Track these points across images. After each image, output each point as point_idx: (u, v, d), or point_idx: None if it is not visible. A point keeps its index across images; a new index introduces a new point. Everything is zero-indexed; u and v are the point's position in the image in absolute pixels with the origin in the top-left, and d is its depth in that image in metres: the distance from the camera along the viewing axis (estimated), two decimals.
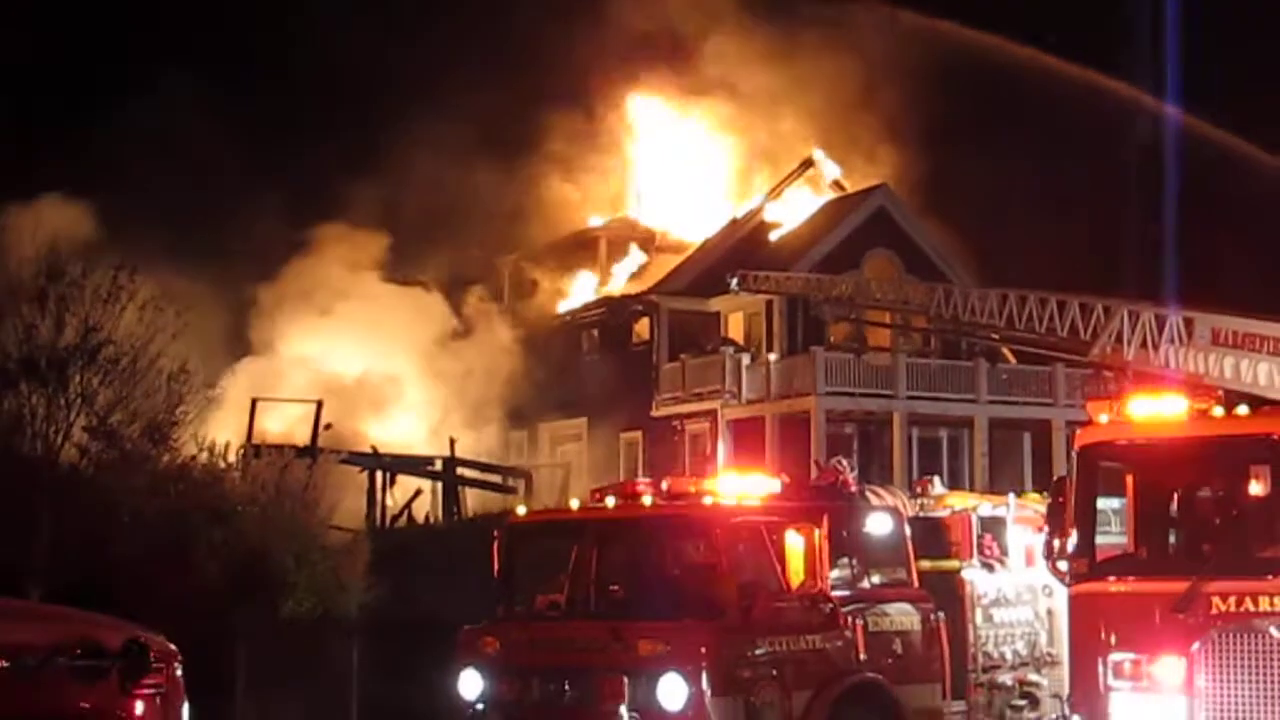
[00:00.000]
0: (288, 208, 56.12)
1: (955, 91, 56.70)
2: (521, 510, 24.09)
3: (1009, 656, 19.46)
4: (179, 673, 10.60)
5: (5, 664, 9.44)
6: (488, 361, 56.71)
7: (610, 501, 18.13)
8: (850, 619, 17.19)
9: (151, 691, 10.19)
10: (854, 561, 17.78)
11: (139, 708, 10.04)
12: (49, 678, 9.62)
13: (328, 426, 45.07)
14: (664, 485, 18.29)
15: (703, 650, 16.09)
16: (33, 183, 41.50)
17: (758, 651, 16.38)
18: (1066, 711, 15.28)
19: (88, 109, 56.26)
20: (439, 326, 57.58)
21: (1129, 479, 14.93)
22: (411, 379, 56.26)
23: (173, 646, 10.61)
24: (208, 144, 53.85)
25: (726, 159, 62.51)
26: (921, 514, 19.72)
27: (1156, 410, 14.46)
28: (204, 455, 29.65)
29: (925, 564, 18.62)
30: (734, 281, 44.49)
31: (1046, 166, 59.31)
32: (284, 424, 45.48)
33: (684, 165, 62.35)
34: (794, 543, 17.08)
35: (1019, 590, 19.61)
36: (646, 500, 17.87)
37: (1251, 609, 13.15)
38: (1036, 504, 19.80)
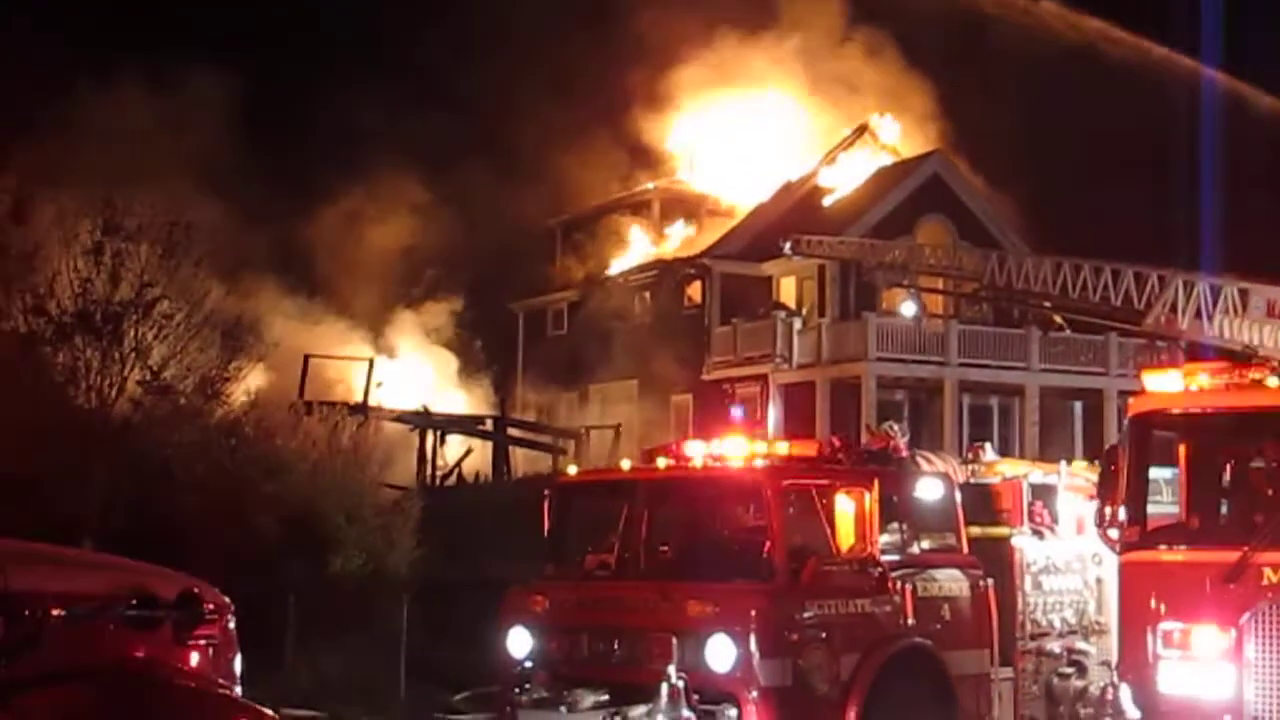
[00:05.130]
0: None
1: (1008, 58, 56.46)
2: (572, 470, 24.14)
3: (1057, 624, 19.39)
4: (232, 625, 10.62)
5: (61, 612, 9.47)
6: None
7: (661, 462, 18.13)
8: (899, 584, 17.14)
9: (205, 643, 10.21)
10: (904, 526, 17.73)
11: (193, 658, 10.06)
12: (104, 627, 9.66)
13: (379, 384, 45.31)
14: (715, 446, 18.24)
15: (752, 612, 16.07)
16: None
17: (806, 614, 16.35)
18: (1114, 679, 15.27)
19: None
20: None
21: (1182, 448, 14.90)
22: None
23: (226, 599, 10.63)
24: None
25: (781, 124, 62.32)
26: (972, 480, 19.66)
27: (1211, 380, 14.41)
28: (255, 411, 29.82)
29: (975, 530, 18.56)
30: (787, 246, 44.41)
31: (1100, 134, 59.05)
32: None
33: (738, 129, 62.20)
34: (844, 506, 17.03)
35: (1068, 558, 19.54)
36: (697, 462, 17.87)
37: None
38: (1087, 472, 19.73)
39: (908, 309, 48.91)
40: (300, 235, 55.08)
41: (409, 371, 54.94)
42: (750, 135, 61.80)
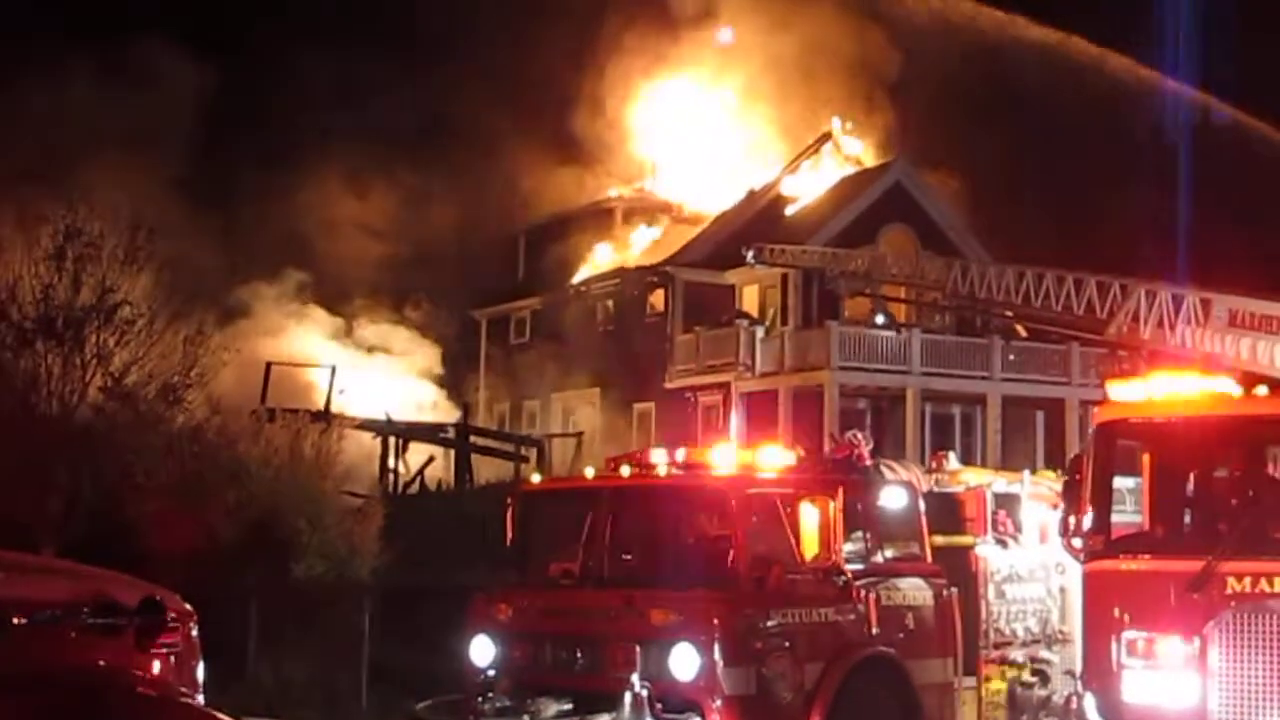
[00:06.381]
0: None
1: (971, 67, 56.57)
2: (536, 478, 24.12)
3: (1020, 633, 19.43)
4: (195, 632, 10.58)
5: (22, 619, 9.42)
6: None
7: (625, 470, 18.11)
8: (863, 592, 17.15)
9: (167, 650, 10.15)
10: (867, 535, 17.73)
11: (155, 666, 10.01)
12: (65, 634, 9.61)
13: (341, 392, 45.25)
14: (679, 455, 18.23)
15: (715, 620, 16.07)
16: None
17: (770, 623, 16.36)
18: (1078, 688, 15.28)
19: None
20: None
21: (1146, 457, 14.91)
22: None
23: (189, 606, 10.59)
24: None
25: (745, 132, 62.39)
26: (936, 489, 19.68)
27: (1175, 389, 14.43)
28: (217, 418, 29.75)
29: (939, 539, 18.57)
30: (750, 254, 44.53)
31: (1063, 144, 59.24)
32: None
33: (702, 138, 62.25)
34: (808, 515, 17.04)
35: (1032, 567, 19.57)
36: (661, 470, 17.85)
37: (1267, 590, 13.13)
38: (1051, 480, 19.77)
39: (880, 319, 49.11)
40: (259, 239, 54.92)
41: (371, 379, 54.86)
42: (714, 143, 61.87)
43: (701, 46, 62.41)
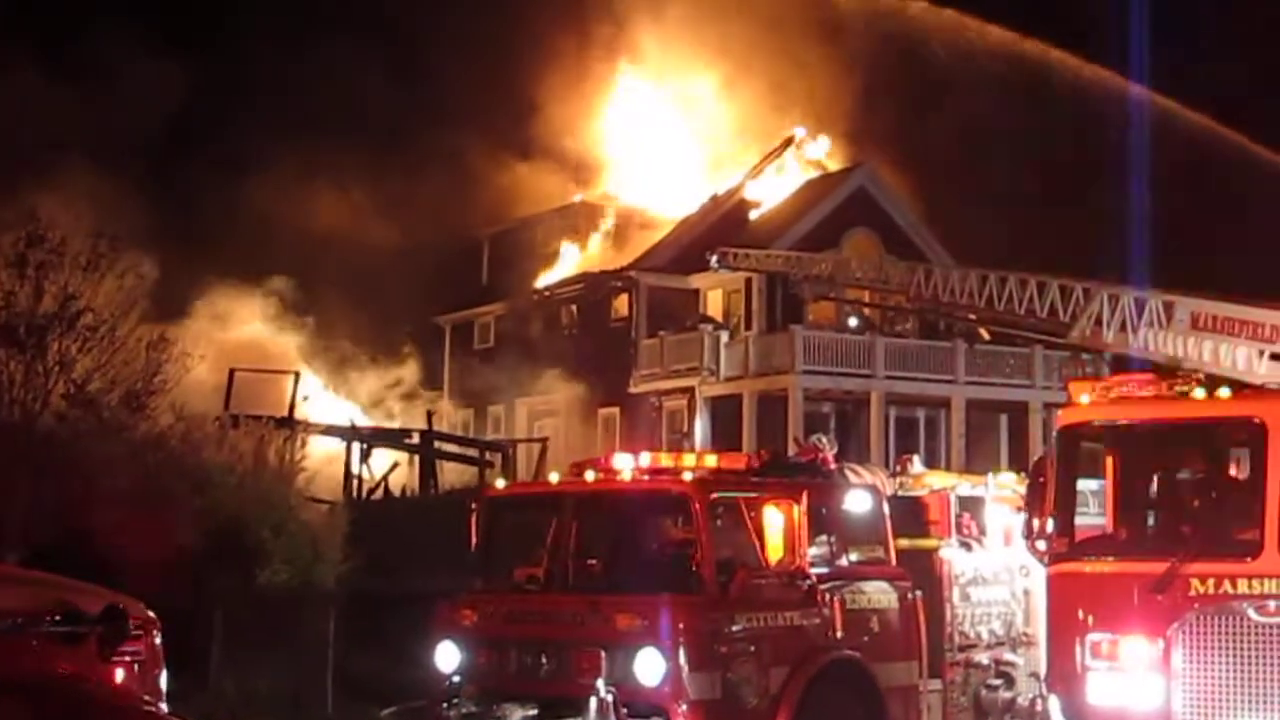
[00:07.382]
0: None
1: (934, 71, 56.68)
2: (500, 483, 24.09)
3: (985, 636, 19.45)
4: (158, 640, 10.56)
5: None
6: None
7: (589, 475, 18.10)
8: (828, 596, 17.16)
9: (130, 659, 10.15)
10: (832, 539, 17.74)
11: (118, 674, 9.99)
12: (27, 642, 9.58)
13: (305, 398, 45.12)
14: (643, 459, 18.23)
15: (680, 625, 16.05)
16: None
17: (735, 627, 16.36)
18: (1043, 691, 15.32)
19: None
20: None
21: (1109, 460, 14.96)
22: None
23: (152, 614, 10.57)
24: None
25: (708, 137, 62.43)
26: (900, 492, 19.71)
27: (1138, 392, 14.48)
28: (181, 425, 29.63)
29: (903, 542, 18.58)
30: (714, 259, 44.44)
31: (1026, 147, 59.32)
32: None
33: (665, 142, 62.27)
34: (773, 519, 17.05)
35: (996, 570, 19.60)
36: (626, 474, 17.85)
37: (1230, 591, 13.18)
38: (1015, 484, 19.79)
39: (853, 321, 49.21)
40: (220, 245, 54.70)
41: (335, 384, 54.78)
42: (677, 148, 61.89)
43: (667, 52, 62.43)
